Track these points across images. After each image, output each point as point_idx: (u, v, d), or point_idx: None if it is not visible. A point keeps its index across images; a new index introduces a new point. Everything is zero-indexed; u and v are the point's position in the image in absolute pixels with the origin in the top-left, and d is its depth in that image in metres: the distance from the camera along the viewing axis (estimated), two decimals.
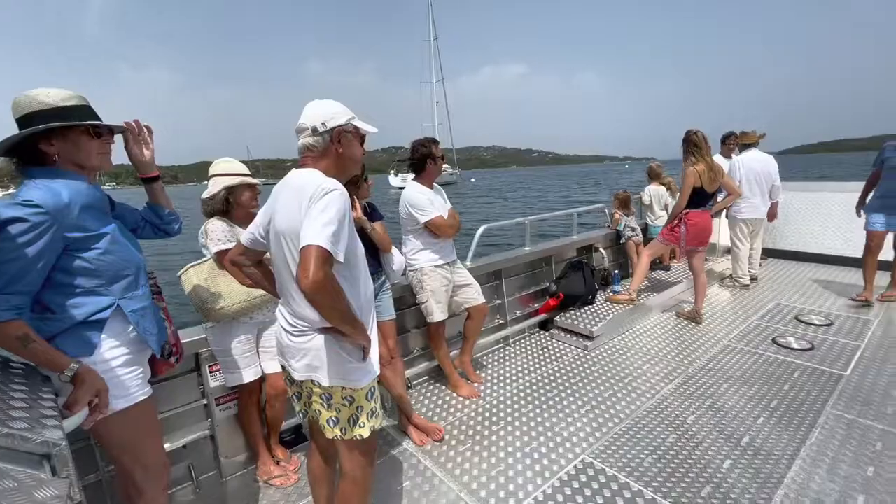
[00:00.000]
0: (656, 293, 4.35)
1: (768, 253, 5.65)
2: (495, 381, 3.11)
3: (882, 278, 4.16)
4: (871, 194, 4.13)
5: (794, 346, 3.35)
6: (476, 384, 3.04)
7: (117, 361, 1.34)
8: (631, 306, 3.92)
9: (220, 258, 1.96)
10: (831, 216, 3.83)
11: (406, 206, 2.66)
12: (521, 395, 2.90)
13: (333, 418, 1.45)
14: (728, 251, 5.61)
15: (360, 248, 1.47)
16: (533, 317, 3.91)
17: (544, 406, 2.75)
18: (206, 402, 2.27)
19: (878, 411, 2.50)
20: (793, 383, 2.84)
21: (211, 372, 2.23)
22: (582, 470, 2.16)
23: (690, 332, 3.75)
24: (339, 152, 1.44)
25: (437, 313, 2.74)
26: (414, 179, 2.74)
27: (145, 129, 1.55)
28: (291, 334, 1.45)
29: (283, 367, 1.56)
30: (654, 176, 5.22)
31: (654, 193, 5.11)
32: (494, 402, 2.83)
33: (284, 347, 1.49)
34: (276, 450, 2.33)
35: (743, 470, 2.11)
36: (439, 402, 2.86)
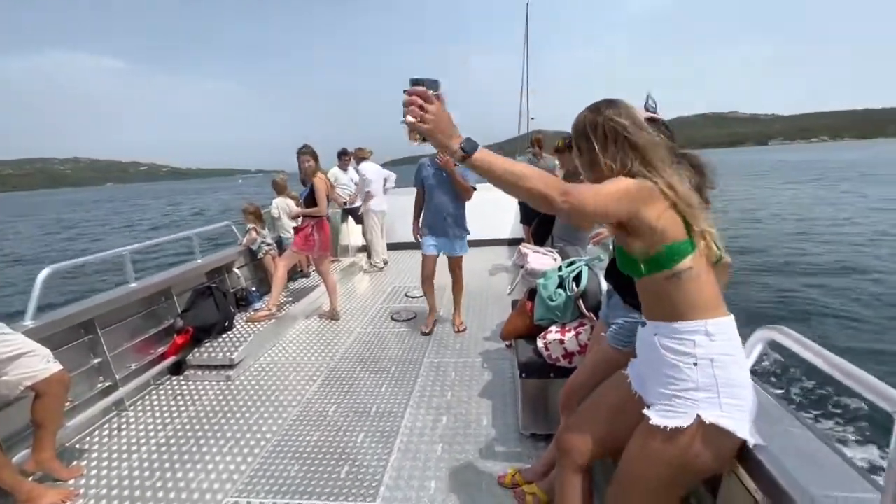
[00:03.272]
0: (298, 301, 4.51)
1: (388, 247, 6.92)
2: (108, 461, 2.39)
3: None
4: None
5: (404, 317, 4.21)
6: (72, 480, 2.24)
7: None
8: (273, 321, 3.90)
9: None
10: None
11: None
12: (146, 463, 2.35)
13: None
14: (359, 249, 6.51)
15: None
16: (158, 363, 3.25)
17: (178, 463, 2.33)
18: None
19: (452, 349, 3.46)
20: (404, 348, 3.55)
21: None
22: None
23: (331, 329, 4.09)
24: None
25: None
26: None
27: None
28: None
29: None
30: (280, 189, 5.35)
31: (282, 206, 5.25)
32: (105, 491, 2.17)
33: None
34: None
35: (372, 436, 2.44)
36: None
